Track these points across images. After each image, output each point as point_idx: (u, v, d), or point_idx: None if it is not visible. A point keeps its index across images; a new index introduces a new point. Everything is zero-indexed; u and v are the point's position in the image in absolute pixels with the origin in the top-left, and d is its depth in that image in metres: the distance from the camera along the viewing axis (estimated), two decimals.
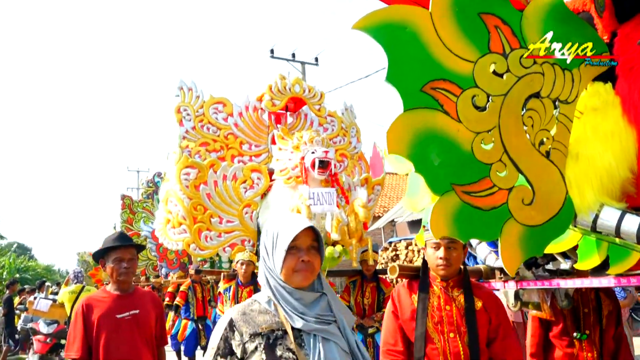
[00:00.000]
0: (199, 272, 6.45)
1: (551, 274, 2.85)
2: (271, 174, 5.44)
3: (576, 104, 2.30)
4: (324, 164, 4.81)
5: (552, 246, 2.38)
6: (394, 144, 1.90)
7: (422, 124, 1.92)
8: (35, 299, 8.41)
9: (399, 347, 2.44)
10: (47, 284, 10.20)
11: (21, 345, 10.50)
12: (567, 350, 2.92)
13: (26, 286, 11.51)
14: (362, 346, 1.68)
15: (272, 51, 15.90)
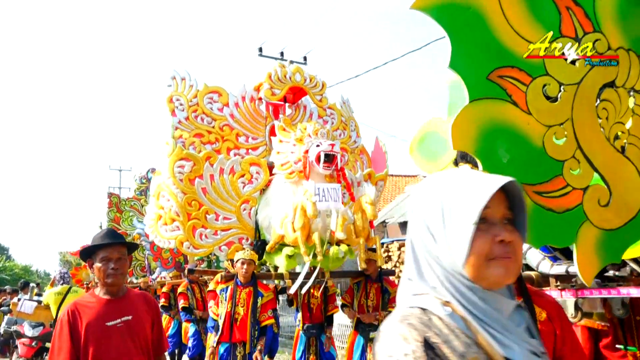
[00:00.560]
0: (192, 272, 6.12)
1: (607, 281, 2.59)
2: (271, 168, 5.13)
3: None
4: (330, 158, 4.53)
5: (630, 250, 2.14)
6: (459, 138, 1.72)
7: (489, 117, 1.75)
8: (19, 300, 8.02)
9: None
10: (31, 284, 9.77)
11: (1, 348, 10.09)
12: None
13: (7, 287, 11.05)
14: None
15: (260, 49, 15.60)
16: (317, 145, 4.55)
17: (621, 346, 2.63)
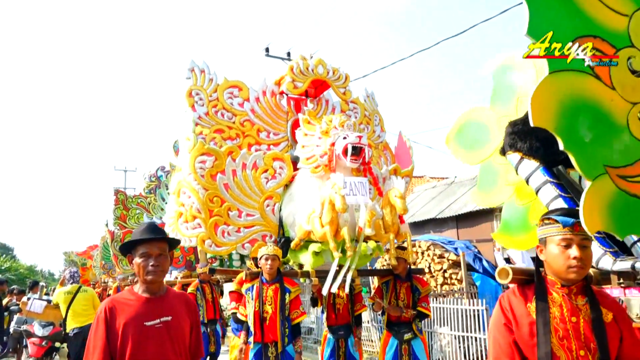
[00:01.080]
0: (213, 272, 5.94)
1: None
2: (294, 163, 4.98)
3: None
4: (357, 151, 4.37)
5: None
6: (538, 113, 1.60)
7: (570, 91, 1.63)
8: (28, 299, 7.88)
9: None
10: (41, 284, 9.62)
11: (10, 348, 9.95)
12: None
13: (14, 287, 10.88)
14: None
15: (267, 49, 15.50)
16: (344, 137, 4.40)
17: None
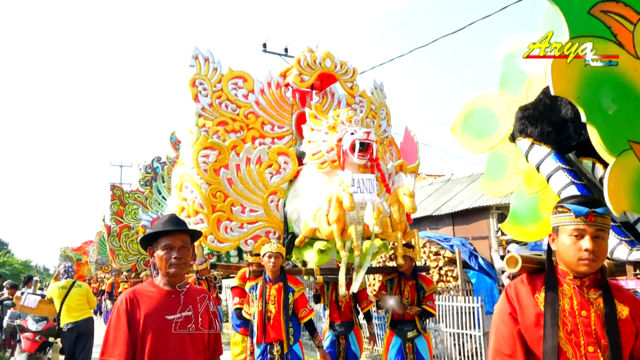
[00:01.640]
0: (214, 267, 5.80)
1: None
2: (299, 158, 4.85)
3: None
4: (365, 147, 4.24)
5: None
6: (558, 81, 1.51)
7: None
8: (22, 294, 7.73)
9: (519, 359, 1.89)
10: (35, 278, 9.45)
11: (1, 342, 9.78)
12: None
13: (8, 281, 10.71)
14: None
15: (264, 45, 15.34)
16: (352, 133, 4.27)
17: None
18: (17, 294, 8.19)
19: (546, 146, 2.73)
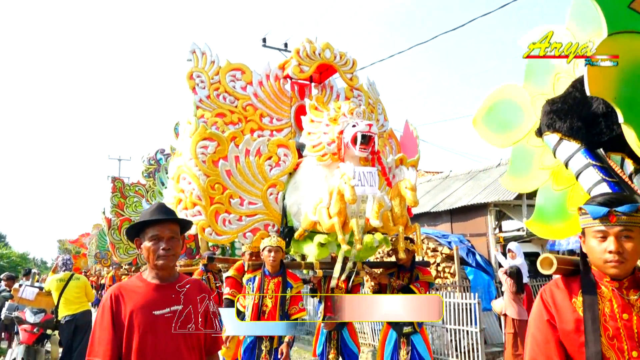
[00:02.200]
0: (212, 260, 5.75)
1: None
2: (299, 150, 4.80)
3: None
4: (367, 139, 4.19)
5: None
6: (595, 81, 1.42)
7: (632, 56, 1.44)
8: (20, 286, 7.72)
9: None
10: (33, 271, 9.43)
11: (1, 334, 9.78)
12: None
13: (6, 273, 10.68)
14: None
15: (264, 40, 15.24)
16: (353, 125, 4.21)
17: None
18: (15, 286, 8.18)
19: (575, 142, 2.59)
